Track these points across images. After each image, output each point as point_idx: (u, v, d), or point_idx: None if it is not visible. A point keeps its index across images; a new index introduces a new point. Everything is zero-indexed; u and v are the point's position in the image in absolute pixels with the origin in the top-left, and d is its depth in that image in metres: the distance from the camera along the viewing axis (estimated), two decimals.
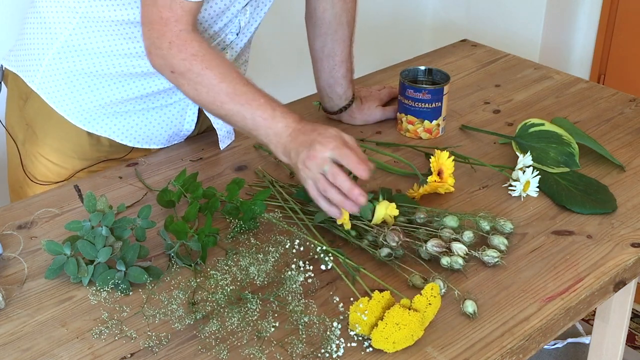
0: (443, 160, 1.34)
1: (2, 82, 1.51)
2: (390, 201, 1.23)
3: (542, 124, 1.45)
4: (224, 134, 1.51)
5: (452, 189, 1.36)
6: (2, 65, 1.50)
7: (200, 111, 1.49)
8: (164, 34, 1.26)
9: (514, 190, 1.36)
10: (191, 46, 1.26)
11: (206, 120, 1.52)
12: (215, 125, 1.49)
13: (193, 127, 1.51)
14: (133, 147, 1.47)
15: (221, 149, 1.51)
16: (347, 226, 1.21)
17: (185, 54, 1.26)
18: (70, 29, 1.36)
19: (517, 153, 1.44)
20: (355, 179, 1.17)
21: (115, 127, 1.44)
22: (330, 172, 1.15)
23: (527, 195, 1.37)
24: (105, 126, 1.43)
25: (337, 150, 1.16)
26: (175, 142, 1.52)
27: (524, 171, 1.35)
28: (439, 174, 1.35)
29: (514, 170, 1.38)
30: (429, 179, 1.33)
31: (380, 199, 1.24)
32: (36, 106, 1.43)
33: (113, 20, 1.35)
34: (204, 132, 1.55)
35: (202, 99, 1.29)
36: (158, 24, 1.26)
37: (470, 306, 1.09)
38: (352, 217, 1.23)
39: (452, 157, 1.35)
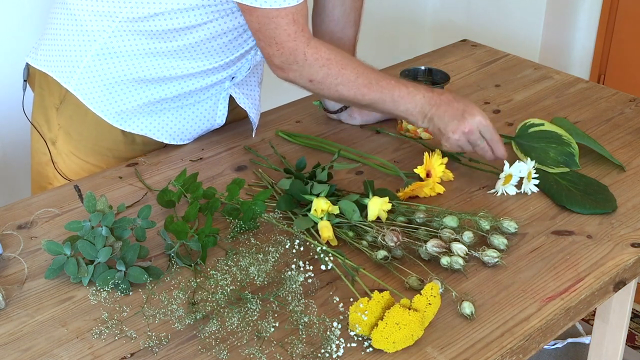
0: (435, 164, 1.35)
1: (27, 81, 1.51)
2: (380, 196, 1.25)
3: (542, 124, 1.45)
4: (255, 115, 1.55)
5: (439, 192, 1.36)
6: (27, 64, 1.50)
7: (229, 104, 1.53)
8: (297, 48, 1.31)
9: (497, 184, 1.36)
10: (323, 51, 1.33)
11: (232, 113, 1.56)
12: (248, 110, 1.53)
13: (224, 121, 1.54)
14: (166, 145, 1.49)
15: (254, 128, 1.55)
16: (333, 242, 1.21)
17: (322, 61, 1.33)
18: (110, 31, 1.36)
19: (517, 153, 1.44)
20: None
21: (151, 125, 1.45)
22: (481, 147, 1.37)
23: (527, 195, 1.37)
24: (141, 124, 1.45)
25: (485, 127, 1.36)
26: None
27: (511, 165, 1.35)
28: (428, 174, 1.35)
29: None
30: (418, 169, 1.34)
31: (370, 196, 1.25)
32: (71, 108, 1.43)
33: (153, 30, 1.35)
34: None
35: (344, 97, 1.38)
36: (288, 41, 1.30)
37: (467, 307, 1.09)
38: (347, 218, 1.23)
39: (443, 164, 1.35)
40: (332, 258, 1.15)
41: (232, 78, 1.49)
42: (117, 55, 1.38)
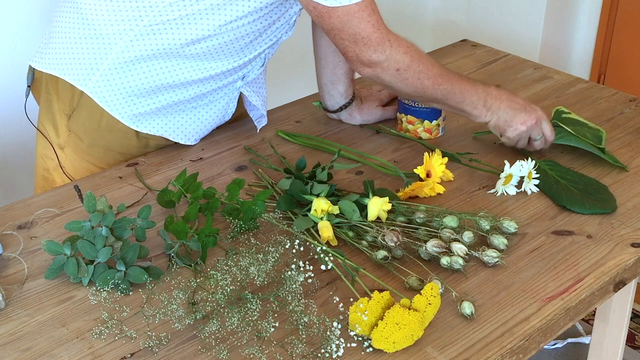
0: (435, 164, 1.35)
1: (30, 85, 1.50)
2: (380, 196, 1.25)
3: (569, 113, 1.52)
4: (260, 118, 1.56)
5: (438, 192, 1.36)
6: (32, 69, 1.49)
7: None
8: (382, 37, 1.32)
9: (497, 184, 1.36)
10: (402, 39, 1.36)
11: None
12: (250, 112, 1.55)
13: (230, 117, 1.55)
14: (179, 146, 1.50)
15: (262, 124, 1.57)
16: (333, 242, 1.21)
17: (404, 47, 1.35)
18: (132, 35, 1.35)
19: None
20: None
21: (167, 126, 1.46)
22: (539, 142, 1.45)
23: (527, 195, 1.37)
24: (157, 125, 1.45)
25: (546, 121, 1.44)
26: None
27: (511, 165, 1.36)
28: (428, 174, 1.35)
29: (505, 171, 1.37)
30: (418, 169, 1.34)
31: (370, 196, 1.25)
32: (85, 113, 1.43)
33: (181, 34, 1.35)
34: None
35: (425, 87, 1.38)
36: (373, 32, 1.31)
37: (467, 307, 1.09)
38: (347, 218, 1.23)
39: (443, 163, 1.35)
40: (332, 258, 1.15)
41: (244, 77, 1.49)
42: (139, 59, 1.37)
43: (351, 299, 1.10)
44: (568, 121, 1.50)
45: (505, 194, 1.37)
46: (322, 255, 1.15)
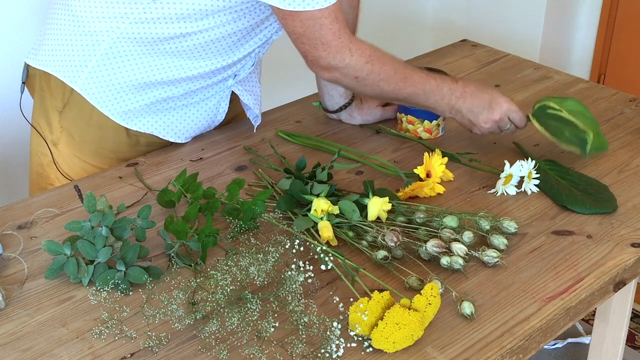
0: (435, 164, 1.35)
1: (25, 82, 1.51)
2: (380, 196, 1.25)
3: (560, 110, 1.46)
4: (255, 118, 1.56)
5: (438, 192, 1.36)
6: (26, 65, 1.49)
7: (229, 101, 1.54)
8: (342, 45, 1.33)
9: (497, 184, 1.36)
10: (365, 48, 1.36)
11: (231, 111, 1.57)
12: (247, 112, 1.55)
13: (223, 118, 1.55)
14: (171, 144, 1.50)
15: (257, 123, 1.56)
16: (333, 242, 1.21)
17: (366, 57, 1.36)
18: (119, 32, 1.35)
19: (534, 123, 1.45)
20: None
21: (157, 124, 1.46)
22: (510, 130, 1.47)
23: (527, 195, 1.37)
24: (147, 123, 1.45)
25: (514, 112, 1.45)
26: None
27: (512, 165, 1.35)
28: (428, 174, 1.35)
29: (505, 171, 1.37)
30: (418, 169, 1.34)
31: (370, 196, 1.25)
32: (75, 110, 1.43)
33: (164, 32, 1.35)
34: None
35: (384, 92, 1.41)
36: (333, 40, 1.32)
37: (467, 307, 1.09)
38: (347, 218, 1.23)
39: (443, 163, 1.35)
40: (332, 258, 1.15)
41: (235, 76, 1.49)
42: (128, 56, 1.38)
43: (351, 299, 1.10)
44: (549, 117, 1.45)
45: (505, 194, 1.37)
46: (322, 255, 1.15)
